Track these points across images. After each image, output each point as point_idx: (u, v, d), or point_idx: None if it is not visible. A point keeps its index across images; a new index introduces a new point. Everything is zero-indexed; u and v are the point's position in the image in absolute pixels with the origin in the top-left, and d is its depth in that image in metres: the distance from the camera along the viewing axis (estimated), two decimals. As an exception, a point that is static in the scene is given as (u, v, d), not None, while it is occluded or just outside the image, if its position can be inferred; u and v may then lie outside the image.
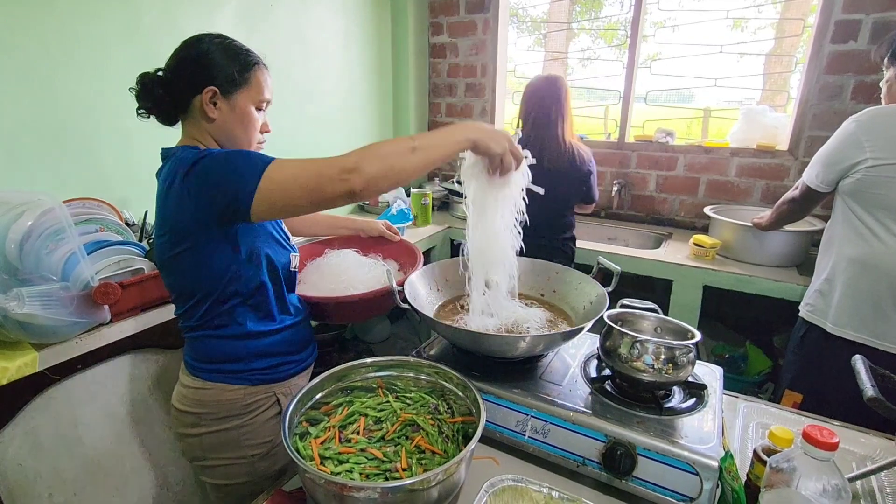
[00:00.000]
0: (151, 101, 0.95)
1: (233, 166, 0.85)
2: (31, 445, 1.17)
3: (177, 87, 0.95)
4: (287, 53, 2.24)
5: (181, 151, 0.92)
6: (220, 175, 0.85)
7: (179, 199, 0.88)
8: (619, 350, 0.88)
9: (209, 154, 0.88)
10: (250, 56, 0.98)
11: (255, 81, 0.98)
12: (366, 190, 0.83)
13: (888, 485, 0.84)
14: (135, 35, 1.64)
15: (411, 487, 0.66)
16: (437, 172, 3.29)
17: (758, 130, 2.36)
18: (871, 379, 0.73)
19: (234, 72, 0.95)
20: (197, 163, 0.86)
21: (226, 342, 1.00)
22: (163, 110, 0.97)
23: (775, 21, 2.88)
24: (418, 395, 0.91)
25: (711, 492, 0.74)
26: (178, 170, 0.88)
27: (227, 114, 0.97)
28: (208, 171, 0.86)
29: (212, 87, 0.93)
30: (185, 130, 1.00)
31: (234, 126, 0.98)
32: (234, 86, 0.96)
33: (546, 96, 1.90)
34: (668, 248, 2.26)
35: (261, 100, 1.00)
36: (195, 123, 0.97)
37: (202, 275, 0.94)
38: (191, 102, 0.95)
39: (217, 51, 0.95)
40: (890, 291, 1.34)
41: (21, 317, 1.04)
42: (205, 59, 0.94)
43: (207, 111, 0.95)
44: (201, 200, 0.86)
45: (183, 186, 0.87)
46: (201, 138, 0.98)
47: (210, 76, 0.93)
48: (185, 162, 0.87)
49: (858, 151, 1.36)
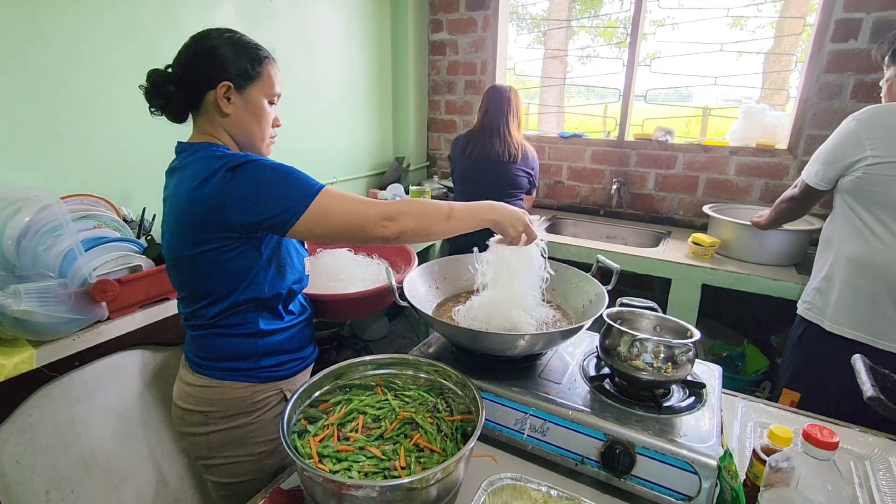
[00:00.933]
0: (164, 97, 0.94)
1: (285, 184, 0.87)
2: (28, 442, 1.17)
3: (189, 83, 0.94)
4: (287, 50, 2.23)
5: (206, 149, 0.91)
6: (272, 189, 0.86)
7: (215, 200, 0.86)
8: (619, 348, 0.88)
9: (258, 161, 0.88)
10: (260, 50, 0.98)
11: (266, 75, 0.98)
12: (398, 239, 0.92)
13: (885, 483, 0.84)
14: (135, 30, 1.63)
15: (410, 486, 0.66)
16: (436, 170, 3.28)
17: (757, 129, 2.35)
18: (871, 378, 0.73)
19: (246, 66, 0.95)
20: (241, 167, 0.86)
21: (235, 340, 0.99)
22: (175, 107, 0.96)
23: (775, 20, 2.88)
24: (417, 393, 0.91)
25: (710, 491, 0.74)
26: (210, 169, 0.87)
27: (242, 108, 0.96)
28: (259, 181, 0.86)
29: (226, 81, 0.93)
30: (199, 126, 0.98)
31: (248, 120, 0.98)
32: (248, 80, 0.96)
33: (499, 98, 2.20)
34: (667, 246, 2.26)
35: (273, 93, 1.01)
36: (209, 119, 0.96)
37: (221, 277, 0.94)
38: (204, 98, 0.94)
39: (228, 45, 0.94)
40: (888, 290, 1.35)
41: (18, 313, 1.03)
42: (217, 53, 0.93)
43: (222, 106, 0.94)
44: (237, 207, 0.86)
45: (223, 187, 0.85)
46: (216, 133, 0.97)
47: (223, 71, 0.93)
48: (223, 163, 0.87)
49: (859, 149, 1.36)
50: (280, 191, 0.86)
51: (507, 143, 2.17)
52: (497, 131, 2.18)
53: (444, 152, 3.23)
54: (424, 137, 3.23)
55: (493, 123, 2.19)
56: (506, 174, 2.19)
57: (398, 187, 2.70)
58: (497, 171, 2.19)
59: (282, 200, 0.86)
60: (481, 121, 2.23)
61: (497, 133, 2.18)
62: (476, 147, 2.20)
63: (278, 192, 0.86)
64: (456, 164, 2.33)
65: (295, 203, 0.86)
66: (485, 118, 2.22)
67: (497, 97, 2.20)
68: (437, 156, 3.27)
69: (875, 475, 0.87)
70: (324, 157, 2.56)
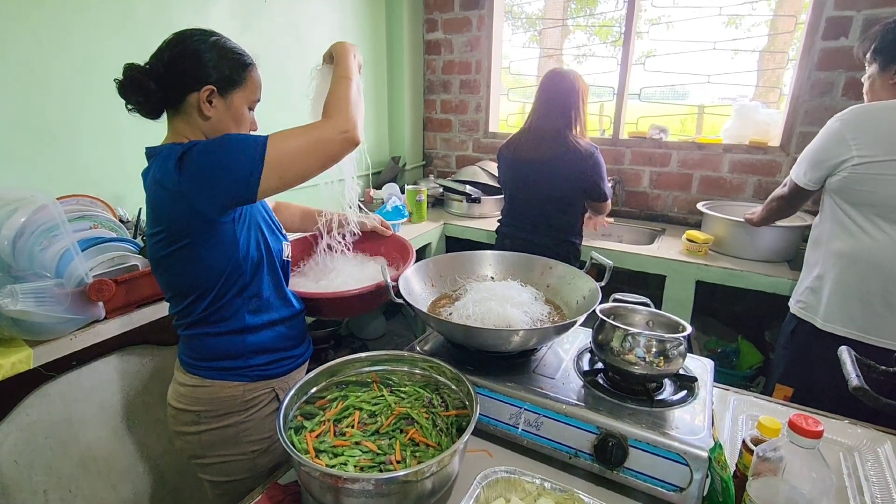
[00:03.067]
0: (142, 94, 0.93)
1: (229, 155, 0.86)
2: (26, 442, 1.17)
3: (171, 83, 0.93)
4: (281, 48, 2.23)
5: (167, 150, 0.91)
6: (218, 166, 0.86)
7: (174, 198, 0.87)
8: (612, 343, 0.89)
9: (196, 146, 0.87)
10: (245, 57, 0.99)
11: (249, 82, 0.99)
12: (359, 137, 0.94)
13: (874, 474, 0.86)
14: (128, 30, 1.63)
15: (405, 479, 0.67)
16: (432, 169, 3.29)
17: (750, 127, 2.37)
18: (857, 369, 0.74)
19: (231, 72, 0.96)
20: (184, 157, 0.86)
21: (223, 339, 1.00)
22: (152, 105, 0.96)
23: (769, 18, 2.89)
24: (412, 388, 0.92)
25: (701, 482, 0.75)
26: (165, 168, 0.87)
27: (223, 112, 0.97)
28: (202, 164, 0.86)
29: (210, 85, 0.93)
30: (174, 126, 0.98)
31: (227, 125, 0.99)
32: (232, 86, 0.96)
33: (555, 90, 1.85)
34: (662, 243, 2.27)
35: (253, 99, 1.02)
36: (187, 120, 0.96)
37: (199, 272, 0.94)
38: (185, 99, 0.94)
39: (215, 50, 0.94)
40: (878, 287, 1.36)
41: (15, 314, 1.04)
42: (203, 57, 0.93)
43: (204, 109, 0.94)
44: (200, 195, 0.86)
45: (177, 184, 0.86)
46: (191, 135, 0.97)
47: (208, 75, 0.93)
48: (172, 158, 0.87)
49: (844, 149, 1.37)
50: (229, 164, 0.86)
51: (572, 144, 1.81)
52: (559, 131, 1.83)
53: (439, 151, 3.24)
54: (420, 137, 3.24)
55: (555, 121, 1.83)
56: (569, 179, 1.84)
57: (394, 187, 2.70)
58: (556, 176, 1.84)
59: (235, 171, 0.85)
60: (537, 117, 1.88)
61: (559, 133, 1.83)
62: (532, 149, 1.86)
63: (228, 165, 0.85)
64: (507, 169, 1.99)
65: (248, 169, 0.85)
66: (542, 113, 1.86)
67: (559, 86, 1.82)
68: (432, 155, 3.28)
69: (864, 466, 0.88)
70: (320, 157, 2.55)
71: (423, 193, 2.55)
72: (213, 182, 0.86)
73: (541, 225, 1.93)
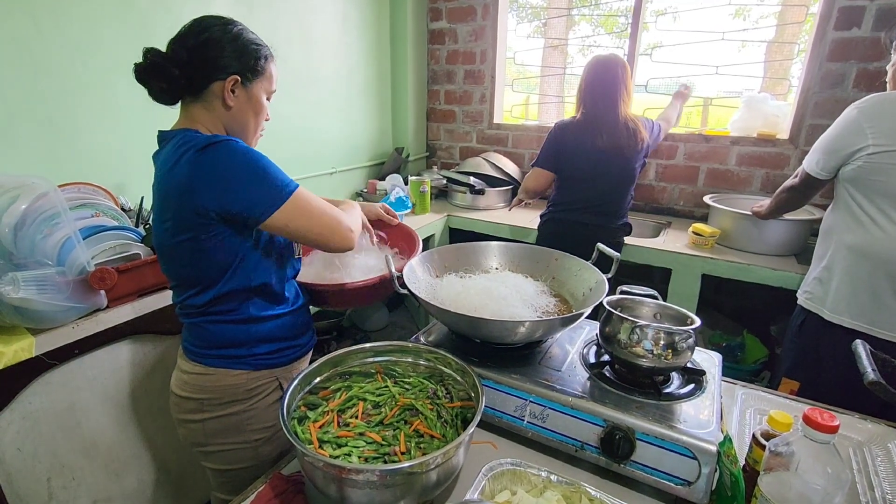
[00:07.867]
0: (165, 80, 0.90)
1: (259, 178, 0.88)
2: (29, 430, 1.17)
3: (196, 70, 0.91)
4: (285, 37, 2.21)
5: (182, 134, 0.89)
6: (246, 179, 0.87)
7: (183, 188, 0.86)
8: (619, 335, 0.88)
9: (229, 143, 0.86)
10: (265, 48, 0.99)
11: (269, 73, 1.00)
12: (354, 246, 1.03)
13: (884, 469, 0.84)
14: (130, 17, 1.61)
15: (410, 470, 0.66)
16: (436, 161, 3.27)
17: (758, 119, 2.34)
18: (872, 363, 0.73)
19: (255, 62, 0.96)
20: (212, 147, 0.85)
21: (228, 327, 0.99)
22: (175, 91, 0.93)
23: (777, 9, 2.85)
24: (417, 379, 0.91)
25: (710, 476, 0.74)
26: (183, 154, 0.86)
27: (244, 102, 0.97)
28: (230, 165, 0.86)
29: (235, 75, 0.93)
30: (189, 113, 0.95)
31: (247, 114, 0.98)
32: (255, 75, 0.97)
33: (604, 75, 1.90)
34: (668, 236, 2.26)
35: (271, 90, 1.03)
36: (206, 107, 0.94)
37: (205, 266, 0.93)
38: (208, 87, 0.93)
39: (240, 39, 0.94)
40: (888, 279, 1.34)
41: (16, 301, 1.03)
42: (229, 46, 0.92)
43: (227, 98, 0.93)
44: (212, 190, 0.85)
45: (192, 168, 0.85)
46: (208, 123, 0.95)
47: (232, 64, 0.93)
48: (198, 143, 0.85)
49: (860, 138, 1.35)
50: (254, 184, 0.87)
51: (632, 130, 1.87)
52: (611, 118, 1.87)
53: (443, 143, 3.21)
54: (424, 128, 3.21)
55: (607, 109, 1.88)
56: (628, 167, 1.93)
57: (397, 178, 2.69)
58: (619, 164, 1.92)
59: (255, 194, 0.87)
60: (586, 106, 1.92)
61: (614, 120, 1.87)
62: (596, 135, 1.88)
63: (252, 184, 0.87)
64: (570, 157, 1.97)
65: (265, 204, 0.88)
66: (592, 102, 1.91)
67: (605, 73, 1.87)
68: (436, 146, 3.25)
69: (874, 461, 0.87)
70: (322, 147, 2.54)
71: (427, 185, 2.53)
72: (227, 188, 0.86)
73: (607, 210, 2.00)
